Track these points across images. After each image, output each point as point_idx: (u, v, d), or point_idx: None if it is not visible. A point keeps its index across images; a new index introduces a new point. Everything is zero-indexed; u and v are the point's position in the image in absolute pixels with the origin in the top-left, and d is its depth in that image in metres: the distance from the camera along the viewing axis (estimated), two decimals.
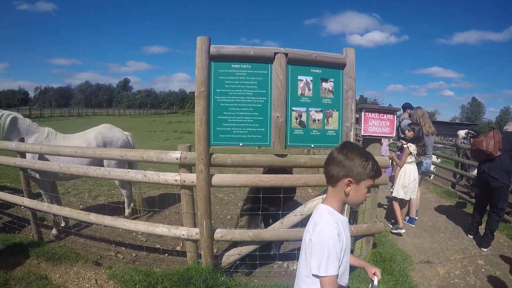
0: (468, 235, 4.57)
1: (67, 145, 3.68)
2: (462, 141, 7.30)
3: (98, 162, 4.11)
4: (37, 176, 3.90)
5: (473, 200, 5.82)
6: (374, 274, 1.53)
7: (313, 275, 1.28)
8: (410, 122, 6.10)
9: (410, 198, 4.49)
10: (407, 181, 4.38)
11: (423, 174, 5.43)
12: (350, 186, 1.32)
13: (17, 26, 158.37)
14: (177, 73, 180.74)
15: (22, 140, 3.80)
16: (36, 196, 4.14)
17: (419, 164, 4.78)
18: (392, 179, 4.86)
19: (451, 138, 7.69)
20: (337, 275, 1.27)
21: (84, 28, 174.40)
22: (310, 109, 2.97)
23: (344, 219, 1.41)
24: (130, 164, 4.54)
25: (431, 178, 8.14)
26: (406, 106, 6.27)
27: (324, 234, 1.27)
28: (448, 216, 5.50)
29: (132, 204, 4.80)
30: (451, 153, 7.64)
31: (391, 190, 4.81)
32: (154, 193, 5.83)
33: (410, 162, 4.44)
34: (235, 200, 5.90)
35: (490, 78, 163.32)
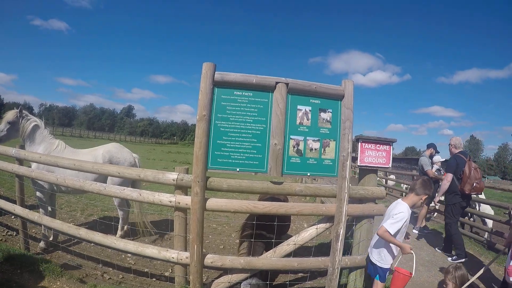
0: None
1: (66, 157, 3.69)
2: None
3: (103, 179, 4.10)
4: (46, 186, 3.97)
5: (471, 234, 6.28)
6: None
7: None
8: (426, 158, 6.54)
9: None
10: None
11: None
12: None
13: (28, 41, 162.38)
14: (181, 104, 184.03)
15: (22, 147, 3.85)
16: (31, 208, 4.08)
17: None
18: None
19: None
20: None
21: (93, 51, 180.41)
22: (307, 138, 3.03)
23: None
24: (133, 186, 4.42)
25: (434, 215, 8.10)
26: (431, 146, 6.90)
27: None
28: None
29: (126, 227, 4.69)
30: None
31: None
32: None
33: None
34: (229, 230, 5.79)
35: (490, 115, 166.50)
